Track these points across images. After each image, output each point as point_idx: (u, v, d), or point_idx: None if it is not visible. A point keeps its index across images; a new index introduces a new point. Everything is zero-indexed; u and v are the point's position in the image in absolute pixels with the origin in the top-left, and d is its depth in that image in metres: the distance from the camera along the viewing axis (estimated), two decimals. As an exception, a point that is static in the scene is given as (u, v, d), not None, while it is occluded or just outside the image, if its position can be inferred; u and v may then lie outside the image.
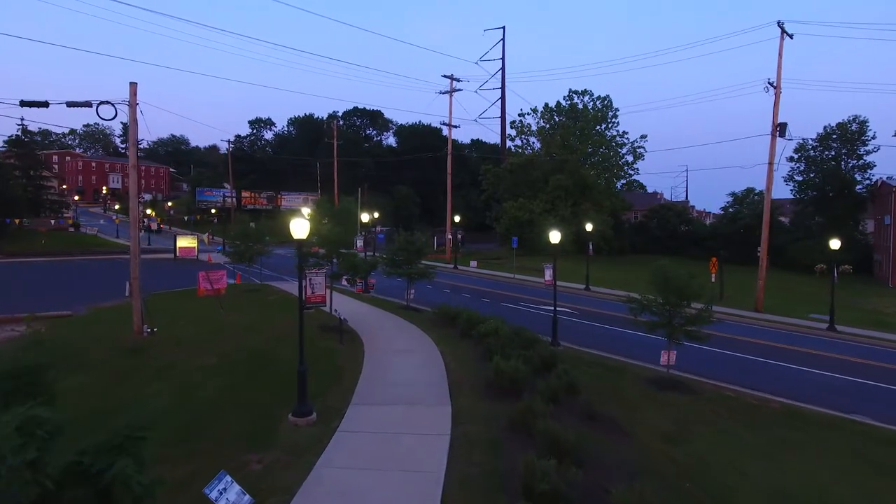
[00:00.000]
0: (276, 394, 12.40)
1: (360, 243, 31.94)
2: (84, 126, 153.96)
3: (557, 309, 19.79)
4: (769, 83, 28.33)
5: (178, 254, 45.28)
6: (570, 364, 16.47)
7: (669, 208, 72.46)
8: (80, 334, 16.98)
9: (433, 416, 11.79)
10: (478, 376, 14.29)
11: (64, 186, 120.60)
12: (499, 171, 65.54)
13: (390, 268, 24.05)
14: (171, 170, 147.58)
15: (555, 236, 18.84)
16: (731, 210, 64.56)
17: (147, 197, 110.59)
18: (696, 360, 17.90)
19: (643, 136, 67.12)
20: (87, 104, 14.91)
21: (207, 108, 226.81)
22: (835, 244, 25.64)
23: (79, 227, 76.64)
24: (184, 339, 16.07)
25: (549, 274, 19.65)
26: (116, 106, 15.19)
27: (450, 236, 53.95)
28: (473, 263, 47.17)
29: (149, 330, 16.48)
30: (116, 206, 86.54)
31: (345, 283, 21.92)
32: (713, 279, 33.00)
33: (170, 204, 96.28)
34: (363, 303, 26.00)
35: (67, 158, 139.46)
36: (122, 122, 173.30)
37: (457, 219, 52.50)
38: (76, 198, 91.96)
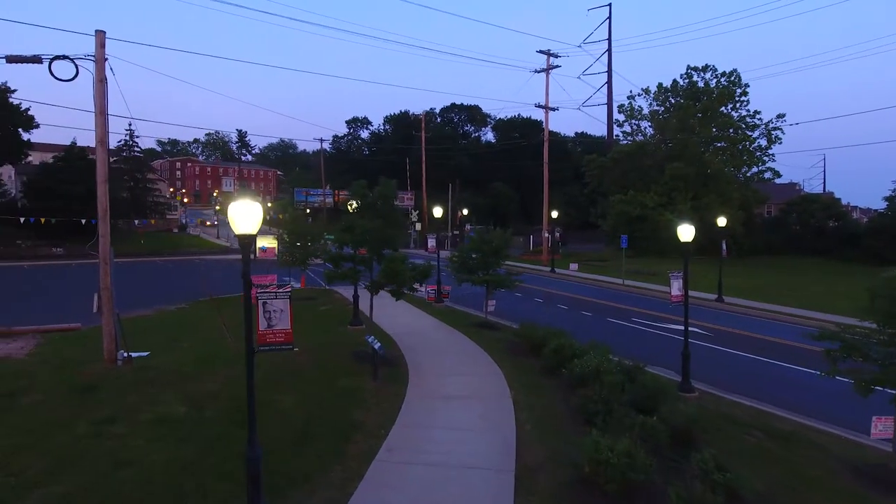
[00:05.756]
0: (243, 478, 7.82)
1: (431, 243, 27.36)
2: (206, 135, 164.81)
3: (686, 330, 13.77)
4: None
5: (258, 254, 43.36)
6: (715, 428, 10.69)
7: (813, 201, 60.92)
8: (56, 356, 13.67)
9: (478, 546, 6.65)
10: (564, 456, 8.89)
11: (183, 190, 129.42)
12: (604, 160, 58.27)
13: (461, 273, 19.13)
14: (279, 173, 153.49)
15: (687, 232, 12.86)
16: (898, 200, 52.52)
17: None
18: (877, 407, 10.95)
19: (780, 116, 56.65)
20: (36, 59, 11.38)
21: (310, 111, 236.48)
22: None
23: (185, 228, 79.30)
24: (162, 372, 12.08)
25: (676, 287, 13.70)
26: (78, 62, 11.50)
27: (546, 234, 47.82)
28: (574, 266, 41.00)
29: (125, 356, 12.73)
30: (217, 207, 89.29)
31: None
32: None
33: (269, 205, 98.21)
34: (431, 316, 21.23)
35: (188, 165, 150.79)
36: (237, 129, 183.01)
37: (554, 214, 46.25)
38: (185, 200, 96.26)
